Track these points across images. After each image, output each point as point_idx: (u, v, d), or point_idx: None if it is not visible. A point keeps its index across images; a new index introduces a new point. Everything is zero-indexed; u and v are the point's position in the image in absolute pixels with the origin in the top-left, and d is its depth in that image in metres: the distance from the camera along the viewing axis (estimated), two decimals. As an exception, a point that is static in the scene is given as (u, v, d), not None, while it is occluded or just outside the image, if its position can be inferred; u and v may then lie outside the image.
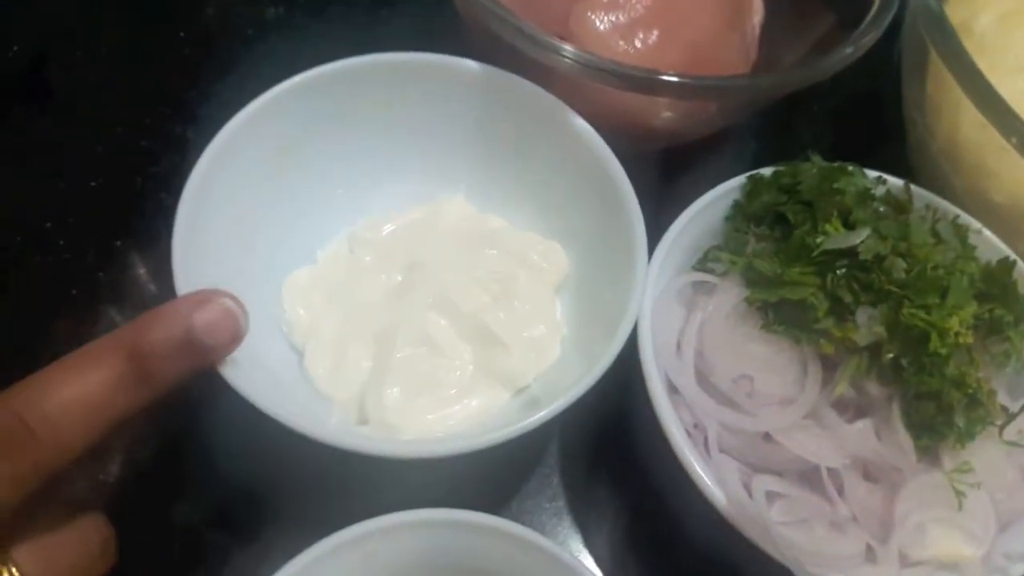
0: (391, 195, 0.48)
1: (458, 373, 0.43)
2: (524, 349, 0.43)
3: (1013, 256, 0.44)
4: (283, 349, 0.44)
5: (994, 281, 0.41)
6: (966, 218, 0.46)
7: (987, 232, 0.45)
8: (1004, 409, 0.40)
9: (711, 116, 0.52)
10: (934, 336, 0.38)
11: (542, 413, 0.37)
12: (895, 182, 0.46)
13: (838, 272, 0.41)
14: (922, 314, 0.38)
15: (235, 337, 0.35)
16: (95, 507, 0.36)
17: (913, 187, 0.46)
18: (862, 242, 0.40)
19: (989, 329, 0.41)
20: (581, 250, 0.47)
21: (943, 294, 0.39)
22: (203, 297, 0.35)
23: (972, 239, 0.44)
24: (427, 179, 0.49)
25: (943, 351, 0.38)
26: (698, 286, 0.44)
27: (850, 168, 0.45)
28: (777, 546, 0.36)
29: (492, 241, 0.46)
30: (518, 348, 0.43)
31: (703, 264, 0.45)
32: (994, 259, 0.43)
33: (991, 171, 0.48)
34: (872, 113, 0.61)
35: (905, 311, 0.38)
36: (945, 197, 0.47)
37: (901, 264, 0.40)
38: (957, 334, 0.38)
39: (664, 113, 0.50)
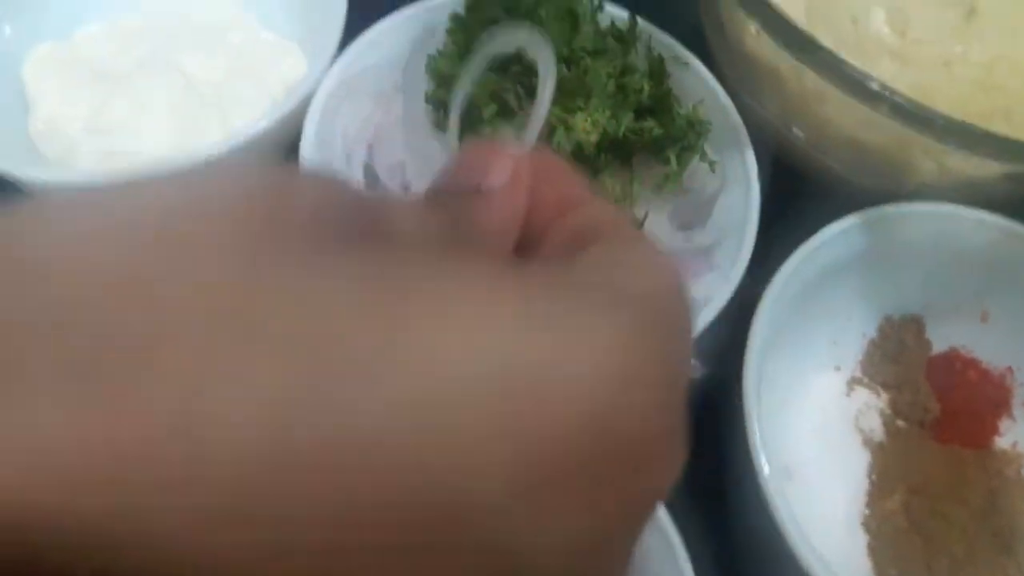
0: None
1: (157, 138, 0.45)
2: (228, 124, 0.46)
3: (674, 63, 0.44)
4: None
5: (658, 100, 0.42)
6: (680, 52, 0.46)
7: (698, 65, 0.45)
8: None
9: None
10: (560, 130, 0.39)
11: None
12: (619, 13, 0.46)
13: (511, 75, 0.42)
14: (557, 110, 0.39)
15: None
16: None
17: (641, 20, 0.46)
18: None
19: (652, 150, 0.42)
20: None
21: (587, 97, 0.40)
22: None
23: (681, 72, 0.45)
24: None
25: (567, 147, 0.39)
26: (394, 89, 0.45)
27: (572, -10, 0.45)
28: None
29: (233, 34, 0.49)
30: (222, 122, 0.45)
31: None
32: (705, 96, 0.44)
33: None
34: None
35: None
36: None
37: (563, 69, 0.41)
38: (587, 132, 0.39)
39: None
